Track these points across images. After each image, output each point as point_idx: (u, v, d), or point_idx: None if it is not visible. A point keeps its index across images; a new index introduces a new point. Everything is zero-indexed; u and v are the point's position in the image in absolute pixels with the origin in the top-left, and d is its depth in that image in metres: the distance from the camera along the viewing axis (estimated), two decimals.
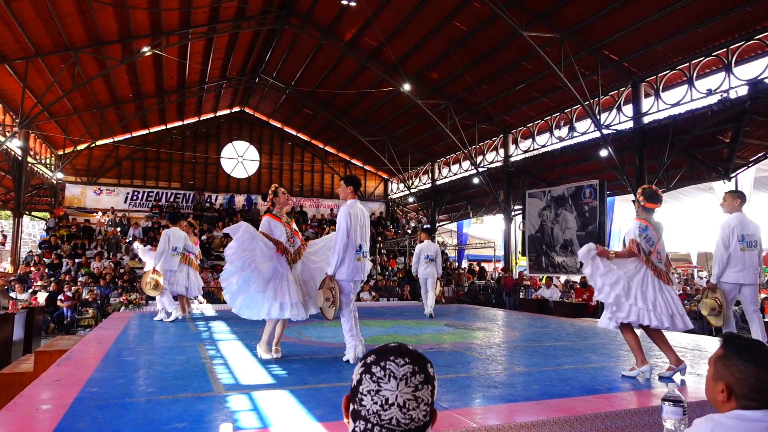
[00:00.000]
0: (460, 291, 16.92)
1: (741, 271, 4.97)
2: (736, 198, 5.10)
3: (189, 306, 8.48)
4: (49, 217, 19.32)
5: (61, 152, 19.55)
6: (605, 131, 12.30)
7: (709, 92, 10.65)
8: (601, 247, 4.28)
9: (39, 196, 20.13)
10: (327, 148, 24.49)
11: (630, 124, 12.38)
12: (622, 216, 17.76)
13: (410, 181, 22.84)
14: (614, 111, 12.78)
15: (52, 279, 14.06)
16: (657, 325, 4.02)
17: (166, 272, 7.81)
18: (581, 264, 4.31)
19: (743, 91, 10.03)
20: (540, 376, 4.14)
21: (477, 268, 21.10)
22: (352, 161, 24.84)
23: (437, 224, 22.31)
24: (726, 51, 10.33)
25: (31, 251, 18.34)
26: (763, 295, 10.80)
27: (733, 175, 11.76)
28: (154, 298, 9.97)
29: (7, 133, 14.43)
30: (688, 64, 11.14)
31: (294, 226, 5.13)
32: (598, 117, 12.41)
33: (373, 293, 13.74)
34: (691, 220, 18.19)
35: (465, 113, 16.62)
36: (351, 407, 1.05)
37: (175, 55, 15.21)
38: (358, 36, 14.88)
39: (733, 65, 10.25)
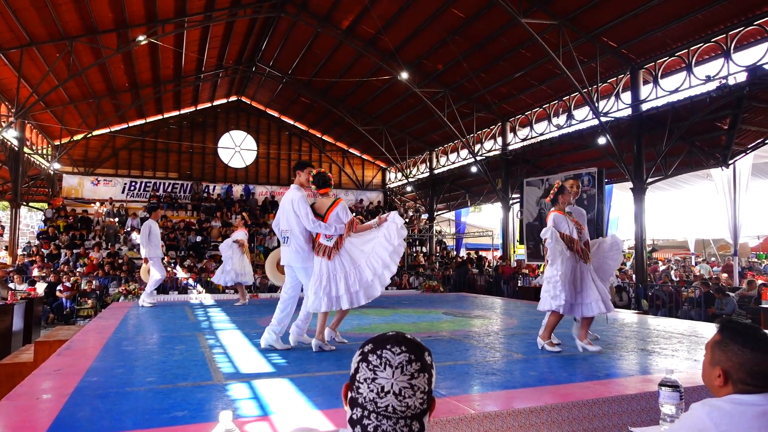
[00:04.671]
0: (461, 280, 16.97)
1: None
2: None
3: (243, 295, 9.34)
4: (46, 207, 19.28)
5: (57, 142, 19.45)
6: (603, 119, 12.26)
7: (708, 79, 10.61)
8: None
9: (36, 186, 20.07)
10: (325, 138, 24.40)
11: (628, 112, 12.35)
12: (621, 203, 17.75)
13: (408, 170, 22.80)
14: (612, 98, 12.74)
15: (51, 269, 14.06)
16: None
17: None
18: None
19: (742, 77, 9.99)
20: (538, 363, 4.16)
21: (475, 257, 21.13)
22: (350, 150, 24.78)
23: (435, 213, 22.31)
24: (725, 37, 10.28)
25: (29, 242, 18.32)
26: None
27: (731, 161, 11.76)
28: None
29: (2, 124, 14.34)
30: (686, 50, 11.09)
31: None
32: (597, 104, 12.37)
33: None
34: (689, 207, 18.23)
35: (463, 101, 16.56)
36: (349, 395, 1.07)
37: (171, 44, 15.09)
38: (356, 24, 14.76)
39: (732, 51, 10.20)
